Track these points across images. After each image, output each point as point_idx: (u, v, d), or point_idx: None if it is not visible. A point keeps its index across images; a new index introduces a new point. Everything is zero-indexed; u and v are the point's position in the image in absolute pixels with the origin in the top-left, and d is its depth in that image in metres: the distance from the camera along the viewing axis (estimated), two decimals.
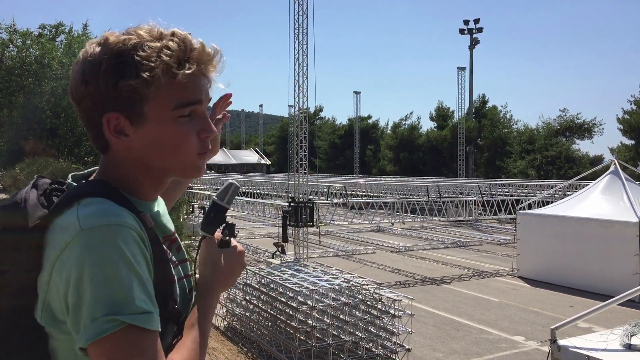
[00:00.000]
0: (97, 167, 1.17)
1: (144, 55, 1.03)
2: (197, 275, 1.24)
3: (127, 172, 1.12)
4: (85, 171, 1.20)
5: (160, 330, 0.98)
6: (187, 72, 1.06)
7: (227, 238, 1.22)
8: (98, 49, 1.06)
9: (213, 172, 55.49)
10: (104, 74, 1.03)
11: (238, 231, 1.24)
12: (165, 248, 1.12)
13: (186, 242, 8.69)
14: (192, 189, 26.52)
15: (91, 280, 0.92)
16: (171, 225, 1.24)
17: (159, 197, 1.24)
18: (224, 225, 1.22)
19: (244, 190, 27.99)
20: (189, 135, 1.10)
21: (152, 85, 1.04)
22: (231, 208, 1.73)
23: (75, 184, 1.14)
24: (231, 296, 11.45)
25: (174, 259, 1.17)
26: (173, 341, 1.12)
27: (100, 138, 1.10)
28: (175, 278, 1.13)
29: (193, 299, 1.20)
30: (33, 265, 1.00)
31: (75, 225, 0.97)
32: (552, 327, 4.85)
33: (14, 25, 20.33)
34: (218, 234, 1.24)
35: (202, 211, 25.98)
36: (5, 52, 19.86)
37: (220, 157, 66.61)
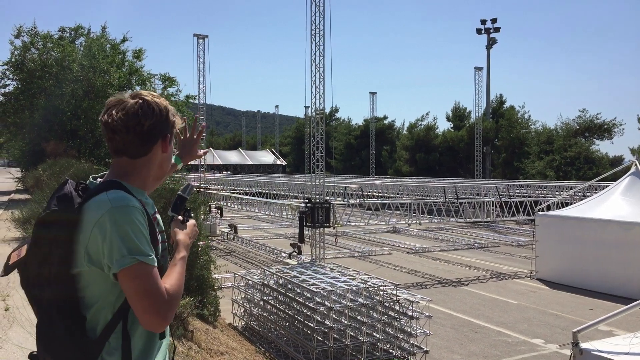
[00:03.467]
0: (107, 172, 1.86)
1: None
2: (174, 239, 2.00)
3: (144, 172, 1.86)
4: (99, 174, 1.89)
5: (156, 266, 1.69)
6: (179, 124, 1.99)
7: (187, 219, 1.98)
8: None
9: (229, 172, 55.78)
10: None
11: (192, 214, 2.02)
12: (154, 223, 1.80)
13: (203, 242, 8.74)
14: (209, 189, 26.68)
15: (118, 235, 1.64)
16: (154, 209, 1.94)
17: None
18: (184, 210, 1.99)
19: (260, 190, 28.10)
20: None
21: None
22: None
23: (95, 182, 1.82)
24: (249, 296, 11.51)
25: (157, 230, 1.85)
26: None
27: (143, 147, 1.81)
28: (159, 242, 1.83)
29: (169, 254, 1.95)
30: (74, 229, 1.67)
31: (107, 203, 1.68)
32: (574, 330, 4.79)
33: (35, 28, 20.64)
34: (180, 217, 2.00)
35: (219, 212, 26.15)
36: (27, 54, 20.17)
37: (237, 157, 66.92)
